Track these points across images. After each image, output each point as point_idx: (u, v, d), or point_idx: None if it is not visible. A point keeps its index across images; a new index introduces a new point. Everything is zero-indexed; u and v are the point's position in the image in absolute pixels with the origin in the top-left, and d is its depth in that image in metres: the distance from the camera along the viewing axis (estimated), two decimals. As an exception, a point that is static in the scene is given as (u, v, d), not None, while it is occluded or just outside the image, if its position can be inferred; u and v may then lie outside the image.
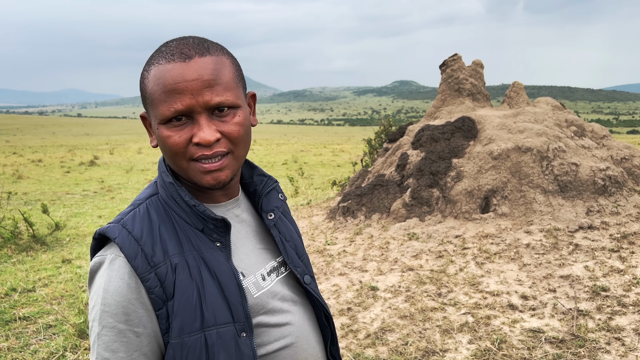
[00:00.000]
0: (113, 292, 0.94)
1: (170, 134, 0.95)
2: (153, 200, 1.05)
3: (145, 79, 0.98)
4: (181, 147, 0.96)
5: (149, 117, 1.03)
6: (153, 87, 0.95)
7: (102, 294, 0.94)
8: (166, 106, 0.94)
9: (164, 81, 0.93)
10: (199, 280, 0.98)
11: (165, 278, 0.96)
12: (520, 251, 5.34)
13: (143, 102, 1.01)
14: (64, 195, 13.02)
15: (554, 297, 4.46)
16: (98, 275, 0.97)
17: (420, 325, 4.20)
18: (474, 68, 7.97)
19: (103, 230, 0.99)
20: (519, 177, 6.17)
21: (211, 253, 1.02)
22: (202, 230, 1.03)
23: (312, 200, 10.46)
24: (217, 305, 0.98)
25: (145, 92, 0.98)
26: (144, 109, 1.06)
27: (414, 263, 5.44)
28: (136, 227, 0.99)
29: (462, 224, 6.09)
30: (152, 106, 0.97)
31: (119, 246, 0.96)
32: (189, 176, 1.00)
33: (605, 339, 3.82)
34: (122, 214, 1.04)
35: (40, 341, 4.30)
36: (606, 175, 6.03)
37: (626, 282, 4.60)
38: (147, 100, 0.99)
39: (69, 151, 31.74)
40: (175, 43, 0.98)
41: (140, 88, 1.01)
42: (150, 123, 1.03)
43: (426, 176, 6.56)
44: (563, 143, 6.35)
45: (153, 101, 0.96)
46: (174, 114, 0.94)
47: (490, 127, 6.73)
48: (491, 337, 3.94)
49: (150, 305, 0.95)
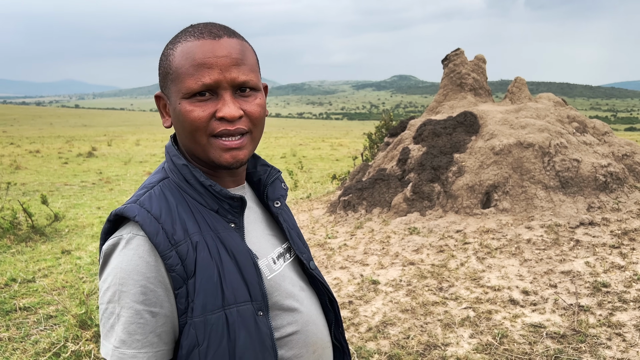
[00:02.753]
0: (131, 270, 0.92)
1: (193, 108, 0.96)
2: (165, 183, 1.05)
3: (170, 55, 0.99)
4: (203, 121, 0.97)
5: (166, 96, 1.03)
6: (180, 62, 0.97)
7: (119, 274, 0.92)
8: (193, 79, 0.95)
9: (194, 55, 0.95)
10: (218, 259, 0.98)
11: (186, 256, 0.95)
12: (521, 246, 5.35)
13: (163, 80, 1.02)
14: (62, 186, 12.98)
15: (555, 293, 4.47)
16: (113, 257, 0.95)
17: (422, 319, 4.21)
18: (476, 63, 7.94)
19: (120, 210, 0.98)
20: (521, 173, 6.17)
21: (227, 233, 1.02)
22: (217, 211, 1.04)
23: (311, 194, 10.45)
24: (236, 284, 0.99)
25: (169, 68, 0.99)
26: (161, 89, 1.05)
27: (415, 257, 5.44)
28: (154, 206, 0.98)
29: (463, 218, 6.09)
30: (177, 81, 0.98)
31: (140, 223, 0.94)
32: (207, 153, 1.00)
33: (606, 335, 3.83)
34: (135, 195, 1.03)
35: (41, 331, 4.29)
36: (607, 171, 6.04)
37: (627, 278, 4.61)
38: (170, 76, 0.99)
39: (66, 142, 31.64)
40: (203, 25, 1.00)
41: (162, 66, 1.01)
42: (166, 103, 1.04)
43: (427, 171, 6.56)
44: (565, 139, 6.35)
45: (179, 76, 0.97)
46: (202, 88, 0.95)
47: (492, 122, 6.72)
48: (492, 332, 3.95)
49: (169, 284, 0.94)
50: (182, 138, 1.03)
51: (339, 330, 1.25)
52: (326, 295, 1.22)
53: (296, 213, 8.03)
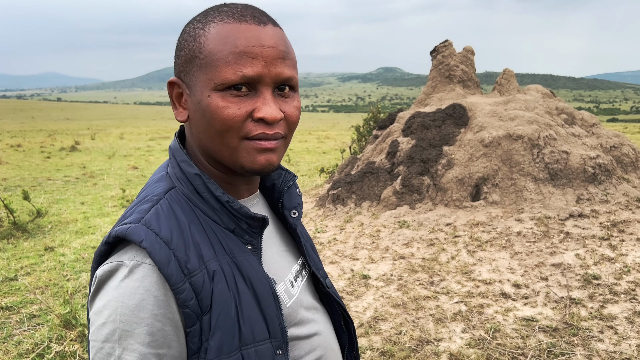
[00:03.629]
0: (135, 306, 0.77)
1: (228, 104, 0.81)
2: (173, 195, 0.87)
3: (201, 36, 0.83)
4: (238, 121, 0.81)
5: (185, 84, 0.86)
6: (216, 47, 0.81)
7: (120, 310, 0.77)
8: (232, 69, 0.80)
9: (235, 41, 0.80)
10: (235, 290, 0.84)
11: (201, 288, 0.80)
12: (512, 239, 5.33)
13: (185, 65, 0.85)
14: (45, 181, 12.75)
15: (546, 286, 4.46)
16: (110, 286, 0.79)
17: (414, 314, 4.17)
18: (464, 54, 7.90)
19: (122, 232, 0.80)
20: (510, 165, 6.15)
21: (244, 257, 0.88)
22: (232, 230, 0.89)
23: (299, 187, 10.37)
24: (254, 319, 0.85)
25: (198, 51, 0.83)
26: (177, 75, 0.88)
27: (406, 251, 5.40)
28: (163, 227, 0.82)
29: (453, 211, 6.06)
30: (208, 68, 0.81)
31: (148, 251, 0.78)
32: (236, 157, 0.84)
33: (598, 328, 3.83)
34: (138, 211, 0.85)
35: (24, 332, 4.17)
36: (596, 163, 6.04)
37: (617, 270, 4.61)
38: (198, 60, 0.83)
39: (48, 136, 31.14)
40: (242, 6, 0.86)
41: (187, 47, 0.85)
42: (183, 92, 0.87)
43: (417, 164, 6.51)
44: (554, 131, 6.34)
45: (212, 62, 0.81)
46: (241, 80, 0.80)
47: (481, 114, 6.69)
48: (485, 326, 3.92)
49: (180, 321, 0.80)
50: (202, 137, 0.86)
51: (352, 354, 1.13)
52: (341, 315, 1.10)
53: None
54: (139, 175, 13.90)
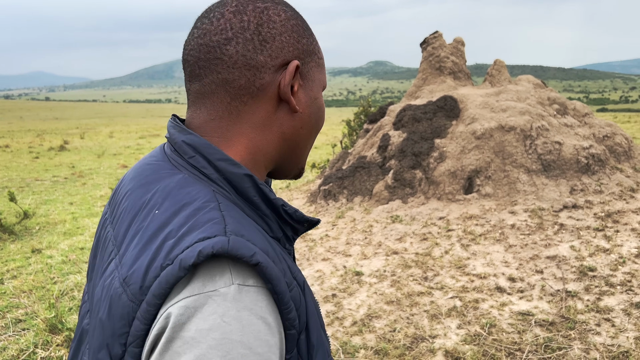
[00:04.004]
0: (252, 342, 0.58)
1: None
2: (221, 199, 0.70)
3: (313, 37, 0.83)
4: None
5: (300, 75, 0.79)
6: (321, 55, 0.85)
7: (228, 348, 0.57)
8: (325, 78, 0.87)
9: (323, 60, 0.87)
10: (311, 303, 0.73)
11: (299, 304, 0.68)
12: (506, 232, 5.27)
13: (305, 55, 0.80)
14: (33, 182, 12.56)
15: (542, 279, 4.40)
16: (200, 317, 0.58)
17: (408, 310, 4.10)
18: (455, 46, 7.81)
19: (222, 246, 0.61)
20: (503, 157, 6.09)
21: (297, 268, 0.74)
22: (279, 238, 0.76)
23: (291, 183, 10.28)
24: (324, 338, 0.75)
25: (317, 50, 0.83)
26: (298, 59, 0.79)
27: (399, 246, 5.32)
28: (253, 234, 0.66)
29: (446, 205, 5.99)
30: (321, 70, 0.84)
31: (263, 266, 0.61)
32: (304, 160, 0.86)
33: (595, 320, 3.77)
34: (207, 221, 0.65)
35: (9, 337, 4.06)
36: (589, 153, 5.99)
37: (612, 261, 4.56)
38: (316, 58, 0.83)
39: (37, 136, 30.81)
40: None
41: (309, 41, 0.81)
42: (297, 80, 0.78)
43: (408, 157, 6.43)
44: (546, 122, 6.27)
45: (323, 65, 0.85)
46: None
47: (473, 106, 6.62)
48: (480, 322, 3.86)
49: (284, 345, 0.65)
50: (302, 133, 0.82)
51: None
52: None
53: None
54: (128, 173, 13.75)
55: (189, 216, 0.65)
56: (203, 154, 0.73)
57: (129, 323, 0.62)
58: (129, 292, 0.62)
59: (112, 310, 0.64)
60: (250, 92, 0.75)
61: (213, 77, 0.75)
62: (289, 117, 0.78)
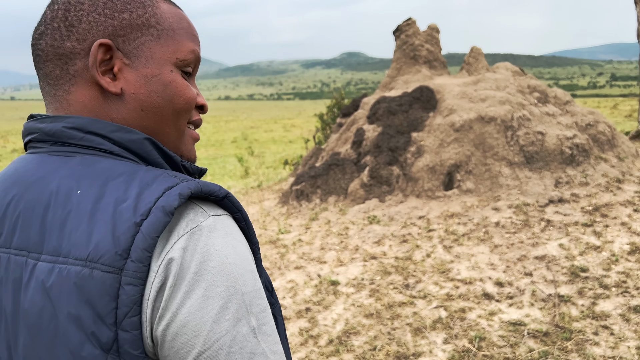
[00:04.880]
0: (242, 261, 0.66)
1: (188, 84, 0.77)
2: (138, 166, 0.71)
3: (153, 6, 0.75)
4: (194, 103, 0.78)
5: (123, 51, 0.73)
6: (175, 21, 0.77)
7: (228, 271, 0.64)
8: (191, 47, 0.78)
9: (187, 23, 0.79)
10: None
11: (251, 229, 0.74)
12: (490, 231, 4.94)
13: (131, 30, 0.73)
14: (-10, 188, 11.87)
15: (532, 282, 4.08)
16: (194, 252, 0.63)
17: (389, 324, 3.73)
18: (429, 33, 7.44)
19: (197, 187, 0.66)
20: (483, 150, 5.76)
21: None
22: None
23: (263, 182, 9.82)
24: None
25: (155, 21, 0.75)
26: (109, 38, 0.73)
27: (377, 250, 4.95)
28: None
29: (425, 202, 5.64)
30: (169, 41, 0.75)
31: (229, 197, 0.69)
32: (180, 144, 0.79)
33: (592, 328, 3.46)
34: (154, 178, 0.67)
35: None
36: (573, 143, 5.69)
37: (604, 260, 4.27)
38: (155, 31, 0.74)
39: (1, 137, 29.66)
40: None
41: (137, 13, 0.74)
42: (116, 59, 0.73)
43: (384, 153, 6.05)
44: (527, 111, 5.96)
45: (174, 36, 0.76)
46: (194, 61, 0.79)
47: (450, 96, 6.27)
48: (468, 335, 3.51)
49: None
50: (149, 115, 0.75)
51: None
52: None
53: (246, 205, 7.40)
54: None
55: (126, 181, 0.66)
56: (93, 131, 0.72)
57: (115, 295, 0.61)
58: (100, 266, 0.61)
59: (83, 296, 0.61)
60: (68, 81, 0.73)
61: (39, 74, 0.76)
62: (120, 101, 0.74)
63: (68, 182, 0.68)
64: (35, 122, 0.75)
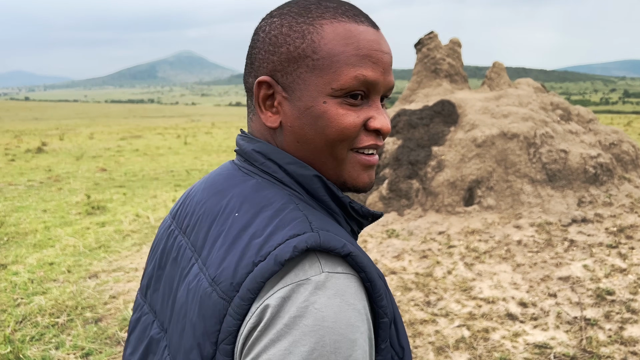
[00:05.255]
0: (343, 328, 0.61)
1: (347, 111, 0.74)
2: (296, 200, 0.74)
3: (312, 34, 0.74)
4: (355, 130, 0.75)
5: (282, 85, 0.76)
6: (336, 47, 0.73)
7: (321, 334, 0.60)
8: (354, 72, 0.73)
9: (358, 43, 0.73)
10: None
11: (388, 294, 0.70)
12: (512, 249, 4.87)
13: (287, 64, 0.75)
14: (6, 187, 11.93)
15: (556, 304, 4.01)
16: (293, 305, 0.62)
17: (411, 342, 3.67)
18: (451, 47, 7.42)
19: (315, 241, 0.65)
20: (505, 166, 5.70)
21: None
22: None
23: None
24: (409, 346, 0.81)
25: (311, 51, 0.74)
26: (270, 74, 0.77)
27: (396, 265, 4.90)
28: (338, 231, 0.70)
29: (445, 218, 5.58)
30: (325, 70, 0.73)
31: (354, 255, 0.66)
32: (341, 171, 0.78)
33: (621, 354, 3.38)
34: (292, 220, 0.69)
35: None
36: (597, 162, 5.62)
37: (631, 283, 4.19)
38: (311, 61, 0.74)
39: (15, 137, 29.92)
40: (349, 5, 0.78)
41: (294, 45, 0.74)
42: (276, 94, 0.77)
43: (404, 166, 6.01)
44: (550, 128, 5.90)
45: (331, 64, 0.73)
46: (361, 86, 0.73)
47: (472, 111, 6.22)
48: (493, 356, 3.44)
49: (373, 334, 0.67)
50: (304, 147, 0.77)
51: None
52: None
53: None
54: (107, 178, 13.17)
55: (271, 217, 0.70)
56: (273, 159, 0.78)
57: (220, 320, 0.65)
58: (219, 290, 0.66)
59: (202, 310, 0.68)
60: (252, 111, 0.83)
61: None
62: (282, 132, 0.78)
63: (235, 202, 0.75)
64: (240, 137, 0.85)
